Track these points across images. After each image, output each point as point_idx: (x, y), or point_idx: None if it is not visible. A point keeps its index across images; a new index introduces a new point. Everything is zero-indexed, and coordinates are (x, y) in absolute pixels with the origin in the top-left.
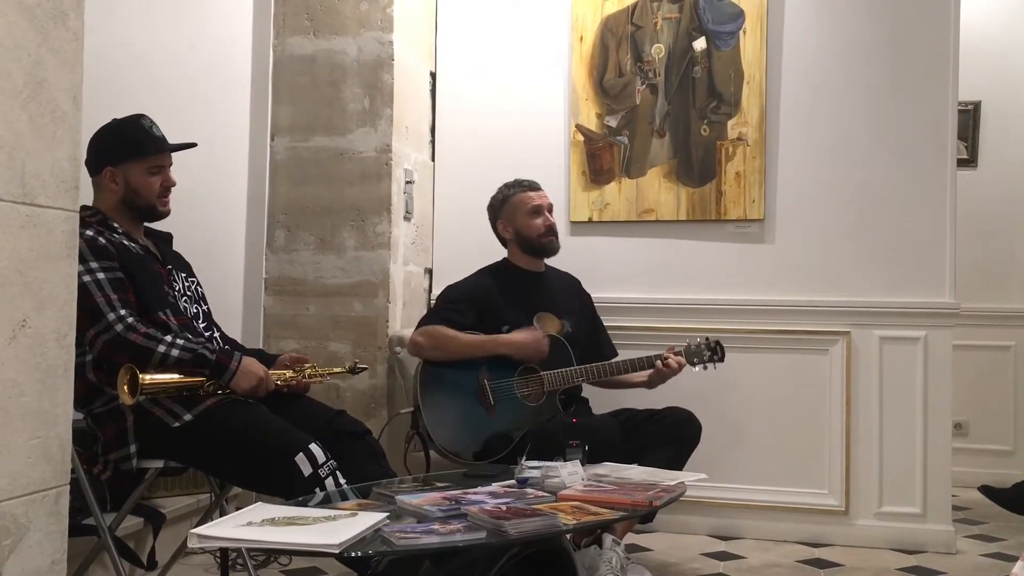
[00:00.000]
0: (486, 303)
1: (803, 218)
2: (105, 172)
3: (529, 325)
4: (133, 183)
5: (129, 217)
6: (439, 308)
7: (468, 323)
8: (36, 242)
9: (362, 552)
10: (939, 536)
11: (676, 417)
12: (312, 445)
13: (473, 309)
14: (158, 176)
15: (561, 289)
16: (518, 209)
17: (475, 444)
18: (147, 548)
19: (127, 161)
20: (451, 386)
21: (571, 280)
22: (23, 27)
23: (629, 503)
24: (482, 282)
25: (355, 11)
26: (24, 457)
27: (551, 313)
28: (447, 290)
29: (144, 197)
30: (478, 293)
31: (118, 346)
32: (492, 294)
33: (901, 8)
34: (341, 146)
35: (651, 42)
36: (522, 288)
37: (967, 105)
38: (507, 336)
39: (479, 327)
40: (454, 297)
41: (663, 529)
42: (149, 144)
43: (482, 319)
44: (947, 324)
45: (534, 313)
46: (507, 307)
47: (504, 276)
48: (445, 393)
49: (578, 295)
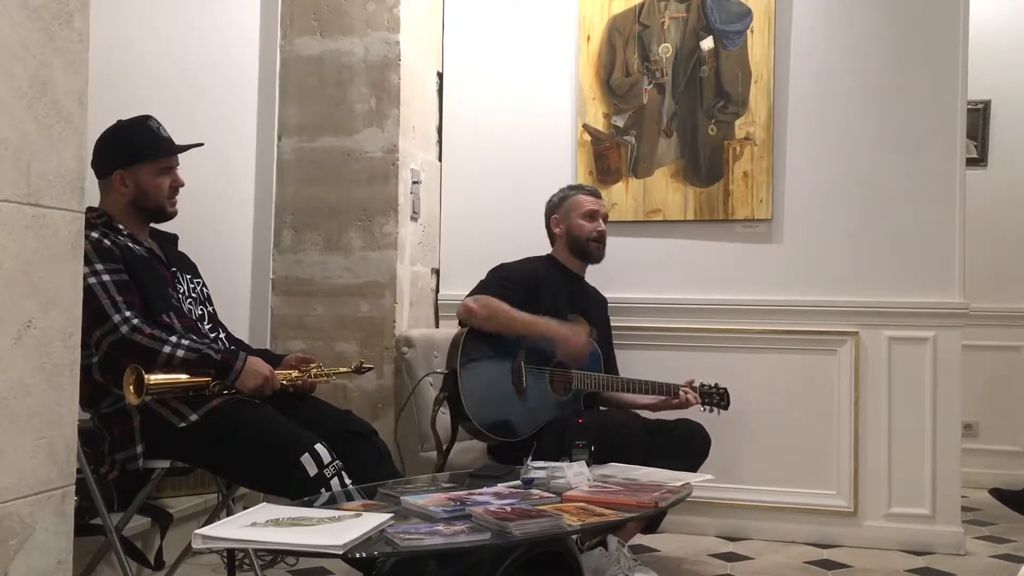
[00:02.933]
0: (535, 288)
1: (811, 218)
2: (115, 175)
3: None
4: (143, 185)
5: (136, 219)
6: (493, 281)
7: (517, 302)
8: (42, 243)
9: (366, 553)
10: (948, 537)
11: (686, 429)
12: (317, 445)
13: (523, 290)
14: (167, 177)
15: (593, 301)
16: (575, 209)
17: (500, 419)
18: (154, 548)
19: (137, 163)
20: (490, 360)
21: (601, 298)
22: (28, 28)
23: (635, 504)
24: (533, 268)
25: (362, 11)
26: (30, 457)
27: (584, 319)
28: (501, 267)
29: (154, 199)
30: (530, 276)
31: (123, 347)
32: (540, 282)
33: (910, 6)
34: (348, 146)
35: (658, 42)
36: (565, 285)
37: (977, 104)
38: (559, 325)
39: (524, 308)
40: (507, 274)
41: (671, 530)
42: (158, 146)
43: (525, 302)
44: (956, 324)
45: (570, 312)
46: (549, 299)
47: (551, 269)
48: (483, 364)
49: (604, 314)
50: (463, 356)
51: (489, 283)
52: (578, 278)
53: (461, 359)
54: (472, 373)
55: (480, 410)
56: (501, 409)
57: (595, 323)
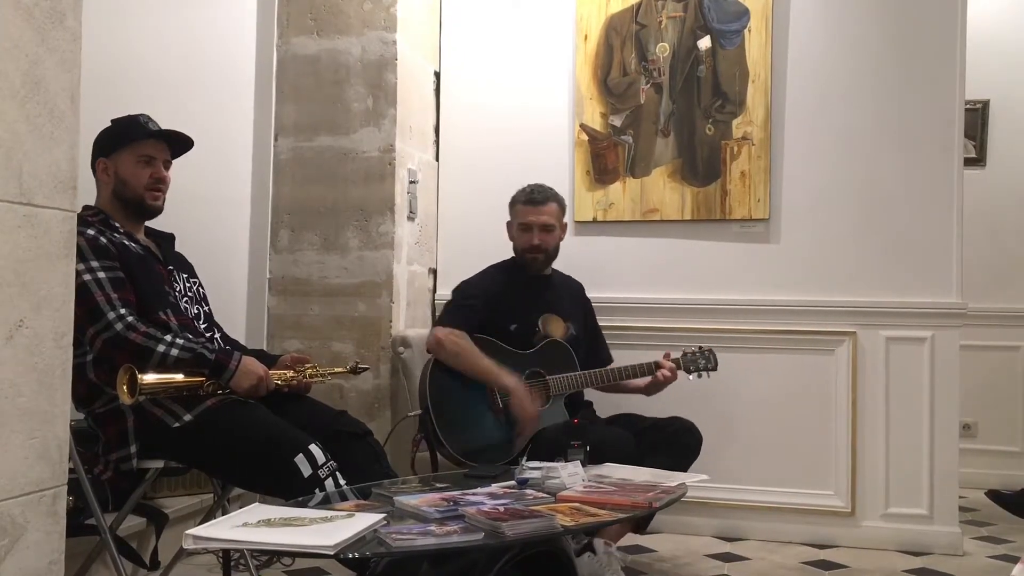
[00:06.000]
0: (497, 300)
1: (809, 218)
2: (98, 163)
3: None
4: (122, 173)
5: (125, 214)
6: (458, 306)
7: (481, 319)
8: (33, 242)
9: (358, 553)
10: (946, 538)
11: (678, 427)
12: (312, 446)
13: (487, 306)
14: (148, 168)
15: (566, 293)
16: (513, 219)
17: (484, 446)
18: (150, 548)
19: (117, 150)
20: (461, 388)
21: (576, 285)
22: (21, 27)
23: (629, 504)
24: (496, 278)
25: (359, 11)
26: (21, 457)
27: (556, 315)
28: (463, 285)
29: (132, 188)
30: (492, 290)
31: (118, 345)
32: (504, 292)
33: (908, 6)
34: (345, 146)
35: (656, 41)
36: (529, 288)
37: (975, 104)
38: (517, 384)
39: (488, 324)
40: (470, 293)
41: (667, 530)
42: (136, 131)
43: (492, 316)
44: (954, 324)
45: (540, 314)
46: (516, 305)
47: (513, 274)
48: (455, 395)
49: (581, 301)
50: (432, 391)
51: (455, 309)
52: (542, 277)
53: (431, 395)
54: (445, 406)
55: (462, 443)
56: (483, 436)
57: (572, 316)
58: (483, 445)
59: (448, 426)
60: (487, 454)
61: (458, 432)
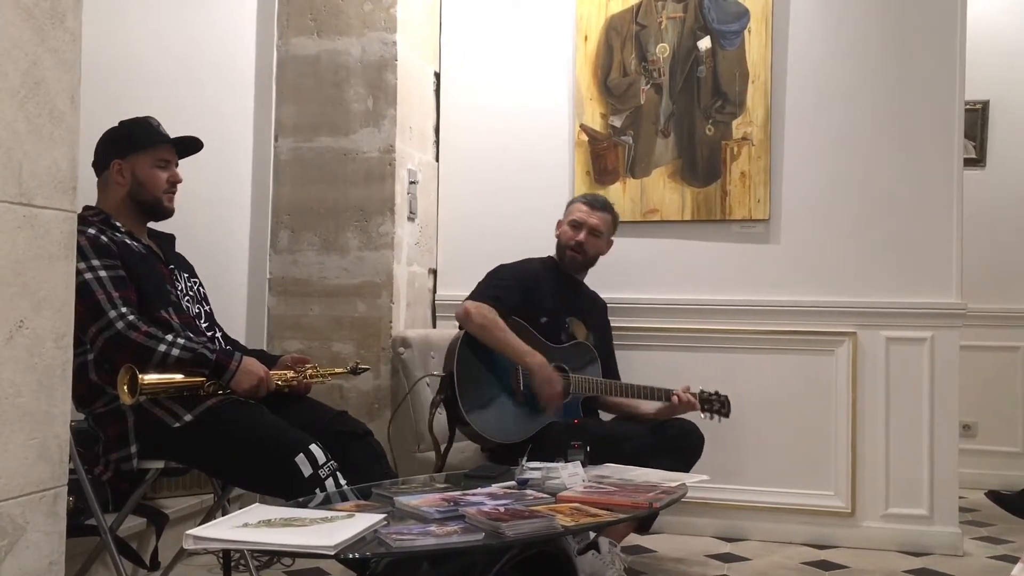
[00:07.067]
0: (534, 288)
1: (809, 218)
2: (112, 165)
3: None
4: (140, 175)
5: (133, 216)
6: (491, 283)
7: (514, 301)
8: (33, 243)
9: (358, 554)
10: (946, 538)
11: (680, 428)
12: (312, 446)
13: (521, 290)
14: (164, 171)
15: (592, 306)
16: (567, 215)
17: (497, 422)
18: (150, 548)
19: (134, 153)
20: (488, 363)
21: (601, 303)
22: (20, 27)
23: (629, 505)
24: (534, 268)
25: (359, 11)
26: (21, 458)
27: (582, 322)
28: (500, 268)
29: (150, 190)
30: (528, 276)
31: (118, 344)
32: (539, 283)
33: (908, 6)
34: (345, 146)
35: (656, 42)
36: (564, 287)
37: (975, 104)
38: (543, 365)
39: (520, 311)
40: (505, 275)
41: (668, 530)
42: (156, 136)
43: (525, 304)
44: (954, 324)
45: (570, 314)
46: (549, 300)
47: (551, 270)
48: (481, 367)
49: (603, 318)
50: (460, 359)
51: (487, 286)
52: (575, 281)
53: (458, 362)
54: (469, 376)
55: (477, 413)
56: (498, 412)
57: (593, 328)
58: (497, 420)
59: (468, 398)
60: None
61: (476, 403)
